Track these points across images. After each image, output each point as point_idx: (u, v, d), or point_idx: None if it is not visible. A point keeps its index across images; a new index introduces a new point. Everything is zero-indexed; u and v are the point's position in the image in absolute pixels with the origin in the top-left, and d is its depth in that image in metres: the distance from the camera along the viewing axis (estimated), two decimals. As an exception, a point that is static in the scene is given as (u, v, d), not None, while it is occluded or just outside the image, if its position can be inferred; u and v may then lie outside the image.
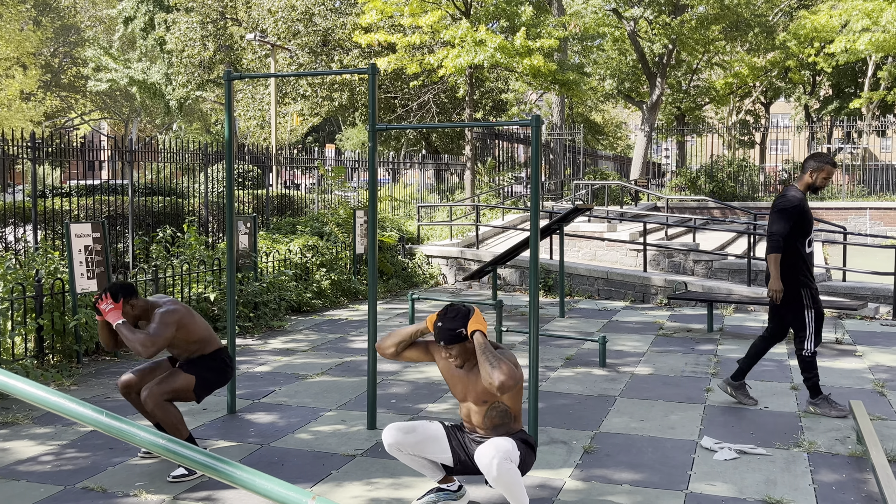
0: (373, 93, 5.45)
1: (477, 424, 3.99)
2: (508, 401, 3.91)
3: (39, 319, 7.04)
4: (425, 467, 4.06)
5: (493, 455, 3.65)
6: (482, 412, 3.94)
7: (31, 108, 29.92)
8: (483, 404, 3.92)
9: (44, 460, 4.91)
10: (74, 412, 2.23)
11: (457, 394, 4.04)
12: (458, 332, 3.82)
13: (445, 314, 3.87)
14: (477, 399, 3.94)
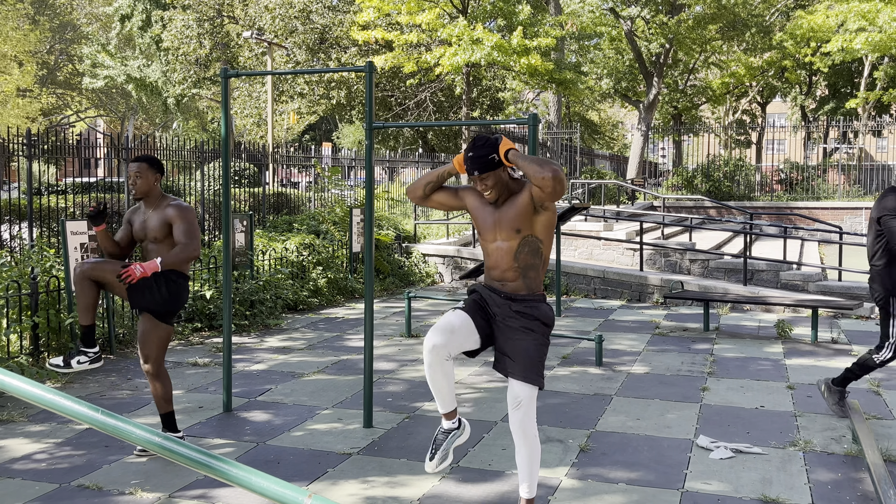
0: (370, 91, 5.44)
1: (507, 268, 3.77)
2: (541, 232, 3.75)
3: (35, 317, 7.02)
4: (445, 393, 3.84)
5: (520, 403, 3.68)
6: (514, 248, 3.75)
7: (27, 104, 29.86)
8: (516, 235, 3.73)
9: (39, 458, 4.90)
10: (70, 410, 2.23)
11: (487, 233, 3.82)
12: (491, 157, 3.66)
13: (474, 144, 3.71)
14: (510, 232, 3.74)
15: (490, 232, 3.81)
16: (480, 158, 3.66)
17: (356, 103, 27.41)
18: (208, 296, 8.98)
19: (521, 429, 3.73)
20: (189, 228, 4.72)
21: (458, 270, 13.90)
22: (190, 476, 4.55)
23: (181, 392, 6.46)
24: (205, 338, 8.70)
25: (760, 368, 7.34)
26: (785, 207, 21.19)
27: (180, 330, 8.71)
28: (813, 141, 32.44)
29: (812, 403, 6.15)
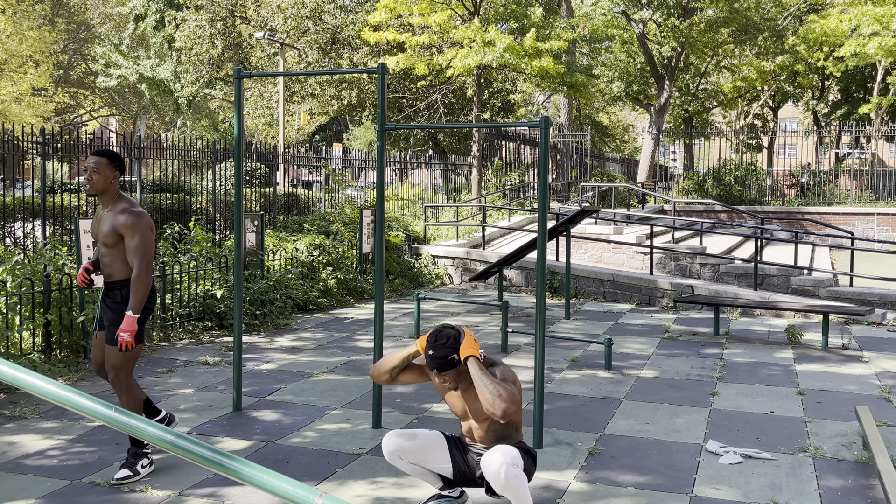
0: (382, 92, 5.46)
1: (479, 439, 3.93)
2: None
3: (47, 314, 7.06)
4: (425, 476, 4.01)
5: (502, 462, 3.61)
6: (484, 427, 3.89)
7: (41, 103, 30.05)
8: (485, 421, 3.87)
9: (51, 454, 4.93)
10: (85, 407, 2.25)
11: (457, 412, 3.98)
12: (451, 358, 3.73)
13: (436, 342, 3.74)
14: (478, 416, 3.88)
15: (459, 411, 3.97)
16: (440, 359, 3.73)
17: (367, 104, 27.46)
18: (219, 295, 9.01)
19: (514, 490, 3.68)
20: (139, 244, 4.43)
21: (468, 272, 13.90)
22: (200, 475, 4.58)
23: (191, 390, 6.49)
24: (215, 337, 8.73)
25: (770, 374, 7.31)
26: (796, 212, 21.10)
27: (191, 329, 8.75)
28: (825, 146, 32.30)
29: (822, 409, 6.13)
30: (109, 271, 4.57)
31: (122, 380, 4.57)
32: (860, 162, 28.62)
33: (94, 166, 4.49)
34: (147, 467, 4.54)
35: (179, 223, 11.40)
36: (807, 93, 35.50)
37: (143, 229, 4.46)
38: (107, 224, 4.50)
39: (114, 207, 4.51)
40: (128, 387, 4.60)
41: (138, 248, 4.43)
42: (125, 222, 4.44)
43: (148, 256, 4.45)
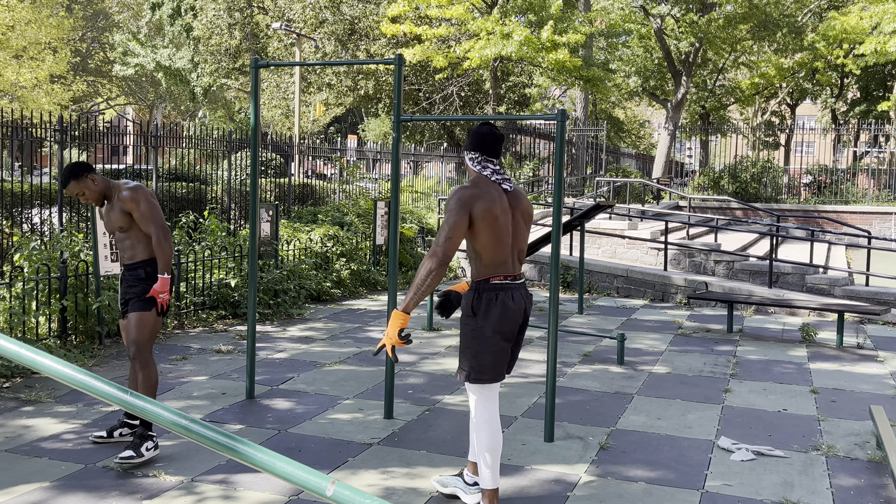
0: (398, 83, 5.46)
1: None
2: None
3: (63, 300, 7.12)
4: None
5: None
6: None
7: (59, 91, 30.22)
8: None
9: (65, 438, 4.97)
10: (101, 391, 2.26)
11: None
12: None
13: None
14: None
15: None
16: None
17: (383, 96, 27.45)
18: (233, 284, 9.05)
19: None
20: (147, 211, 4.64)
21: (481, 265, 13.89)
22: (212, 461, 4.61)
23: (205, 378, 6.53)
24: (228, 325, 8.78)
25: (784, 371, 7.28)
26: (812, 210, 20.96)
27: (204, 317, 8.80)
28: (843, 144, 32.04)
29: (836, 408, 6.10)
30: (131, 254, 4.76)
31: (143, 356, 4.74)
32: (878, 161, 28.37)
33: (76, 192, 4.67)
34: (151, 450, 4.59)
35: (194, 212, 11.45)
36: (825, 90, 35.21)
37: (144, 197, 4.68)
38: (115, 211, 4.71)
39: (113, 197, 4.74)
40: (146, 363, 4.75)
41: (148, 215, 4.66)
42: (126, 199, 4.66)
43: (160, 219, 4.68)
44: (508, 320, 3.86)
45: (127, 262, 4.76)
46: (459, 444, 5.06)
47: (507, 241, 3.88)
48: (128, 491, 4.19)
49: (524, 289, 3.96)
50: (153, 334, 4.78)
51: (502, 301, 3.84)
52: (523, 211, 3.96)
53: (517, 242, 3.94)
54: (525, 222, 3.97)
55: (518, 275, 3.94)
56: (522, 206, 3.96)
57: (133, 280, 4.73)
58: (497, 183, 3.90)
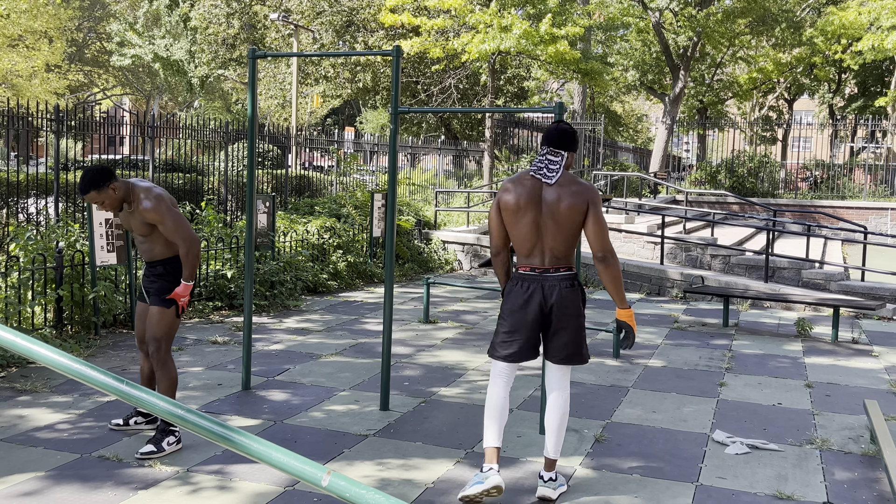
0: (396, 75, 5.44)
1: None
2: None
3: (59, 290, 7.11)
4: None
5: None
6: None
7: (55, 80, 30.11)
8: None
9: (61, 428, 4.97)
10: (96, 380, 2.26)
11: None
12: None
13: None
14: None
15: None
16: None
17: (381, 88, 27.41)
18: (229, 275, 9.05)
19: None
20: (173, 224, 4.56)
21: (478, 258, 13.91)
22: (207, 451, 4.61)
23: (201, 369, 6.53)
24: (224, 317, 8.77)
25: (779, 366, 7.30)
26: (809, 205, 20.99)
27: (200, 308, 8.80)
28: (840, 139, 32.07)
29: (830, 402, 6.12)
30: (149, 255, 4.75)
31: (162, 354, 4.74)
32: (875, 157, 28.41)
33: (96, 200, 4.58)
34: (173, 444, 4.59)
35: (191, 203, 11.44)
36: (823, 86, 35.23)
37: (167, 210, 4.59)
38: (136, 220, 4.66)
39: (134, 202, 4.62)
40: (165, 361, 4.76)
41: (175, 229, 4.60)
42: (148, 212, 4.57)
43: (186, 231, 4.61)
44: (526, 309, 4.03)
45: (147, 260, 4.79)
46: (455, 435, 5.07)
47: (530, 234, 4.01)
48: (123, 481, 4.19)
49: (553, 281, 4.04)
50: (172, 332, 4.77)
51: (522, 290, 4.05)
52: (550, 204, 3.99)
53: (546, 236, 4.02)
54: (561, 217, 3.98)
55: (547, 267, 4.04)
56: (550, 198, 4.00)
57: (153, 276, 4.73)
58: (537, 177, 4.02)
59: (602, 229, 4.00)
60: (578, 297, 4.10)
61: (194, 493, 4.07)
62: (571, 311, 4.06)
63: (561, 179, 4.02)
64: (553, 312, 4.04)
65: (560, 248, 4.03)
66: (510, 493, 4.17)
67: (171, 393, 4.75)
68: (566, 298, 4.04)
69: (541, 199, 4.00)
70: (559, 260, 4.04)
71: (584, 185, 4.07)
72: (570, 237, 4.03)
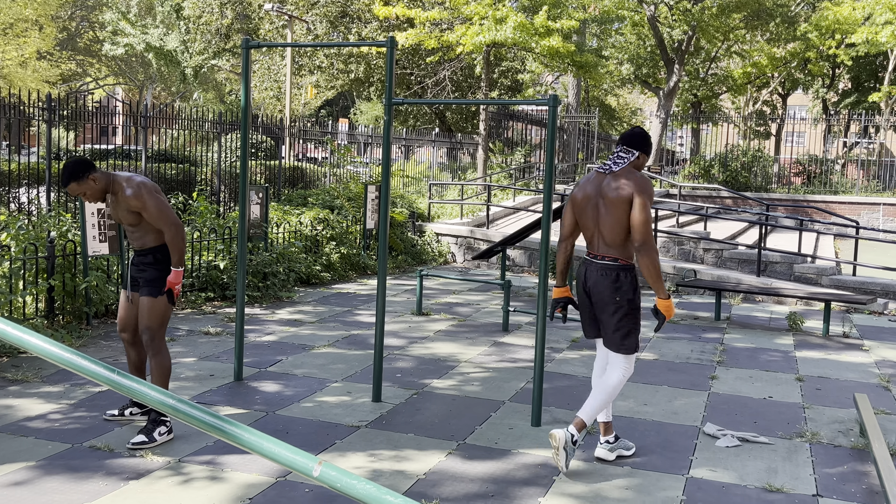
0: (390, 66, 5.43)
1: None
2: None
3: (51, 280, 7.09)
4: None
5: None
6: None
7: (46, 68, 29.93)
8: None
9: (52, 418, 4.96)
10: (88, 370, 2.26)
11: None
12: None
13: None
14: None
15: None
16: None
17: (375, 79, 27.33)
18: (222, 266, 9.03)
19: None
20: (156, 209, 4.56)
21: (471, 251, 13.91)
22: (199, 442, 4.61)
23: (193, 359, 6.52)
24: (217, 307, 8.76)
25: (770, 359, 7.33)
26: (802, 200, 21.05)
27: (193, 299, 8.78)
28: (833, 134, 32.14)
29: (820, 396, 6.15)
30: (140, 243, 4.74)
31: (156, 343, 4.72)
32: (868, 152, 28.49)
33: (77, 191, 4.59)
34: (165, 435, 4.59)
35: (184, 194, 11.40)
36: (817, 81, 35.26)
37: (150, 196, 4.59)
38: (121, 209, 4.67)
39: (117, 192, 4.64)
40: (159, 350, 4.74)
41: (159, 215, 4.59)
42: (132, 199, 4.58)
43: (170, 217, 4.61)
44: (578, 289, 4.52)
45: (137, 249, 4.76)
46: (447, 427, 5.08)
47: (588, 224, 4.40)
48: (114, 471, 4.19)
49: (595, 268, 4.38)
50: (164, 320, 4.75)
51: (580, 272, 4.50)
52: (604, 195, 4.31)
53: (598, 225, 4.35)
54: (607, 204, 4.29)
55: (598, 254, 4.38)
56: (605, 190, 4.31)
57: (143, 265, 4.71)
58: (601, 171, 4.39)
59: (642, 221, 4.20)
60: (614, 285, 4.30)
61: (186, 484, 4.07)
62: (607, 299, 4.33)
63: (620, 172, 4.31)
64: (592, 296, 4.40)
65: (609, 235, 4.30)
66: (502, 485, 4.19)
67: (165, 382, 4.75)
68: (600, 284, 4.33)
69: (600, 191, 4.33)
70: (609, 248, 4.33)
71: (637, 177, 4.29)
72: (618, 226, 4.27)
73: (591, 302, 4.41)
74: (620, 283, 4.30)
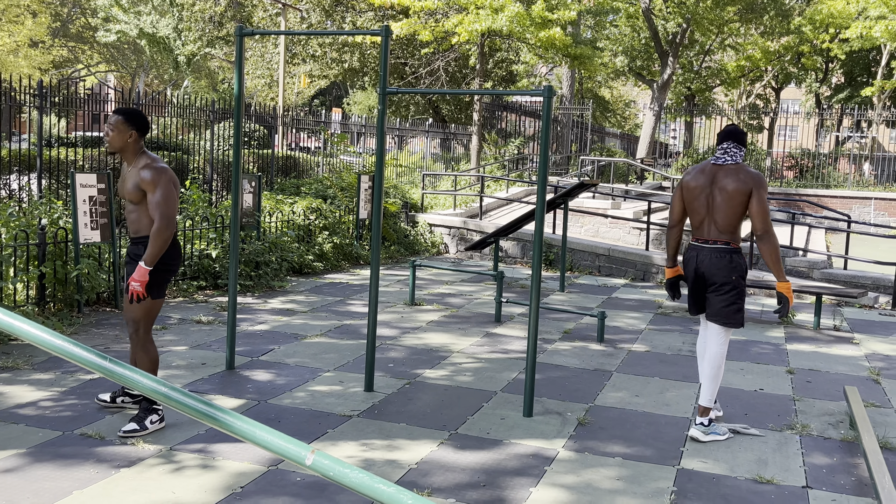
0: (385, 55, 5.41)
1: None
2: None
3: (42, 267, 7.05)
4: None
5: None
6: None
7: (38, 55, 29.73)
8: None
9: (43, 405, 4.95)
10: (79, 356, 2.25)
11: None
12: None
13: None
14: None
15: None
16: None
17: (369, 69, 27.25)
18: (214, 255, 9.00)
19: None
20: (161, 199, 4.45)
21: (464, 242, 13.91)
22: (191, 430, 4.60)
23: (185, 348, 6.50)
24: (209, 296, 8.74)
25: (761, 352, 7.35)
26: (794, 194, 21.10)
27: (185, 288, 8.76)
28: (826, 129, 32.21)
29: (811, 388, 6.18)
30: (136, 227, 4.63)
31: (141, 335, 4.64)
32: (860, 146, 28.57)
33: (111, 124, 4.53)
34: (156, 423, 4.57)
35: (176, 182, 11.34)
36: (810, 75, 35.33)
37: (164, 184, 4.49)
38: (130, 181, 4.55)
39: (136, 164, 4.55)
40: (144, 343, 4.66)
41: (160, 203, 4.47)
42: (146, 178, 4.47)
43: (169, 212, 4.50)
44: (688, 272, 4.95)
45: (132, 234, 4.68)
46: (439, 417, 5.08)
47: (699, 211, 4.85)
48: (105, 459, 4.18)
49: (708, 251, 4.83)
50: (151, 314, 4.63)
51: (689, 257, 4.94)
52: (721, 186, 4.76)
53: (712, 212, 4.81)
54: (723, 195, 4.75)
55: (709, 239, 4.84)
56: (722, 181, 4.76)
57: (133, 256, 4.63)
58: (714, 164, 4.84)
59: (763, 211, 4.70)
60: (729, 266, 4.79)
61: (177, 472, 4.06)
62: (719, 279, 4.80)
63: (735, 166, 4.79)
64: (705, 277, 4.84)
65: (722, 222, 4.78)
66: (493, 475, 4.20)
67: (152, 374, 4.71)
68: (715, 266, 4.80)
69: (714, 182, 4.78)
70: (721, 234, 4.81)
71: (752, 172, 4.80)
72: (733, 215, 4.76)
73: (703, 282, 4.85)
74: (734, 263, 4.79)
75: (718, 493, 4.12)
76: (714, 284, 4.82)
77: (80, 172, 7.62)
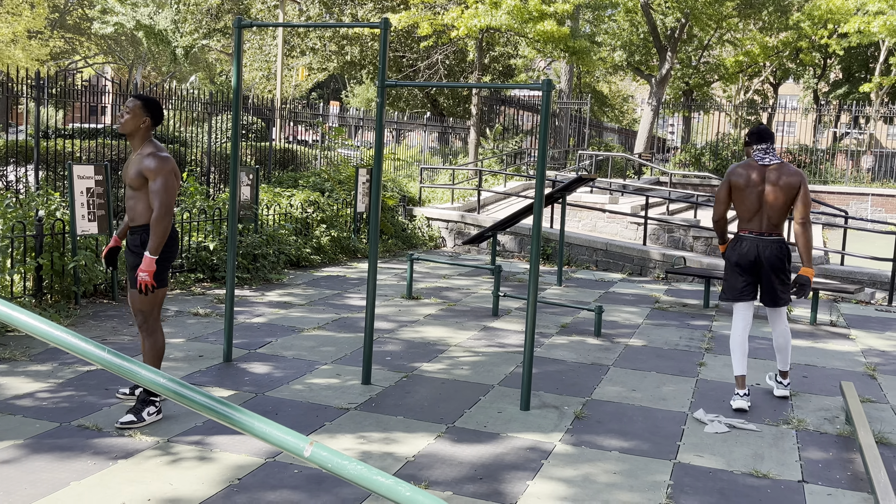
0: (384, 48, 5.40)
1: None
2: None
3: (39, 259, 7.04)
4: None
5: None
6: None
7: (36, 46, 29.64)
8: None
9: (40, 397, 4.94)
10: (78, 348, 2.25)
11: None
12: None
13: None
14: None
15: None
16: None
17: (367, 62, 27.20)
18: (212, 247, 8.99)
19: None
20: (161, 188, 4.48)
21: (462, 236, 13.91)
22: (188, 422, 4.61)
23: (182, 340, 6.50)
24: (206, 289, 8.73)
25: (758, 347, 7.37)
26: (791, 190, 21.08)
27: (182, 280, 8.75)
28: (824, 125, 32.23)
29: (807, 383, 6.20)
30: (133, 214, 4.64)
31: (150, 324, 4.68)
32: (857, 142, 28.60)
33: (128, 107, 4.58)
34: (154, 415, 4.57)
35: (174, 174, 11.32)
36: (808, 70, 35.33)
37: (166, 173, 4.52)
38: (133, 167, 4.59)
39: (142, 151, 4.59)
40: (153, 331, 4.69)
41: (159, 192, 4.51)
42: (149, 165, 4.51)
43: (168, 200, 4.53)
44: (742, 259, 5.39)
45: (130, 223, 4.69)
46: (436, 410, 5.09)
47: (751, 206, 5.35)
48: (102, 450, 4.18)
49: (766, 242, 5.33)
50: (157, 303, 4.67)
51: (741, 246, 5.41)
52: (774, 182, 5.28)
53: (766, 208, 5.33)
54: (776, 191, 5.27)
55: (764, 231, 5.36)
56: (774, 179, 5.29)
57: (133, 246, 4.65)
58: (759, 162, 5.35)
59: (809, 202, 5.31)
60: (786, 256, 5.37)
61: (174, 464, 4.07)
62: (778, 266, 5.35)
63: (781, 165, 5.34)
64: (764, 266, 5.35)
65: (775, 217, 5.33)
66: (491, 468, 4.21)
67: (157, 363, 4.72)
68: (774, 256, 5.33)
69: (764, 179, 5.30)
70: (775, 227, 5.36)
71: (795, 169, 5.36)
72: (784, 209, 5.32)
73: (765, 270, 5.35)
74: (788, 253, 5.38)
75: (715, 487, 4.13)
76: (778, 271, 5.36)
77: (78, 164, 7.60)
